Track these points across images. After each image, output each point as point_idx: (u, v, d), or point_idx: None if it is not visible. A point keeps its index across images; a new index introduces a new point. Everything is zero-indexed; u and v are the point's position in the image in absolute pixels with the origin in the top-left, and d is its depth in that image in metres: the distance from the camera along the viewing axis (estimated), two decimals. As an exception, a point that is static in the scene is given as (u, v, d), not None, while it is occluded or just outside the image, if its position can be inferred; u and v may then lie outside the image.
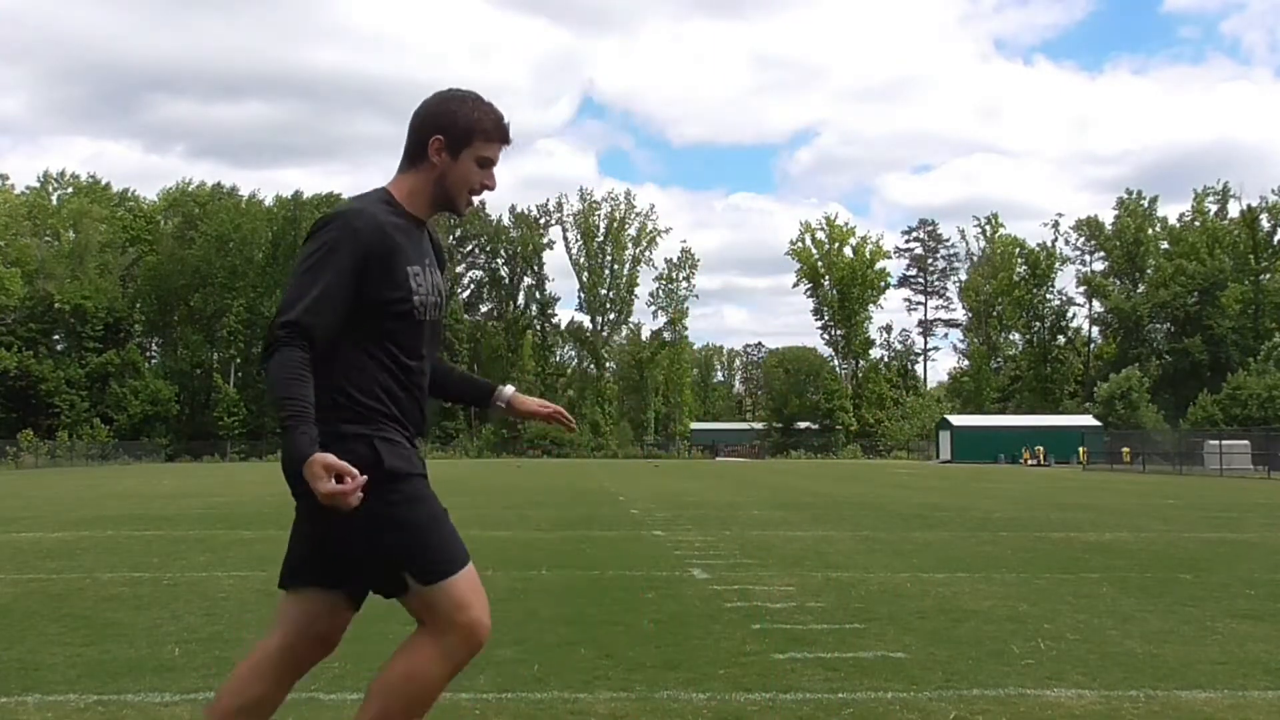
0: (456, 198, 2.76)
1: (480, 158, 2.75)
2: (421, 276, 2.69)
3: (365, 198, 2.72)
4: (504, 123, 2.78)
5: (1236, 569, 9.24)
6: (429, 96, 2.79)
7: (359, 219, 2.61)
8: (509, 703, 4.47)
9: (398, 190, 2.75)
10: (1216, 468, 40.46)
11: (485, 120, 2.74)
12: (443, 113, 2.74)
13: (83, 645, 5.70)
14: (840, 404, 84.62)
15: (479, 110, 2.75)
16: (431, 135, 2.72)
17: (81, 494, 24.34)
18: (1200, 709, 4.36)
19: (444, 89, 2.81)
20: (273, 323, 2.53)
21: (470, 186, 2.77)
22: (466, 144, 2.72)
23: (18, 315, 71.24)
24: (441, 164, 2.73)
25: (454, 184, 2.75)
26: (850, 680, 4.83)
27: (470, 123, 2.72)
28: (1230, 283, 77.11)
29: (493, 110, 2.77)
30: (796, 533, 12.82)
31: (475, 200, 2.86)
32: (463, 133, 2.72)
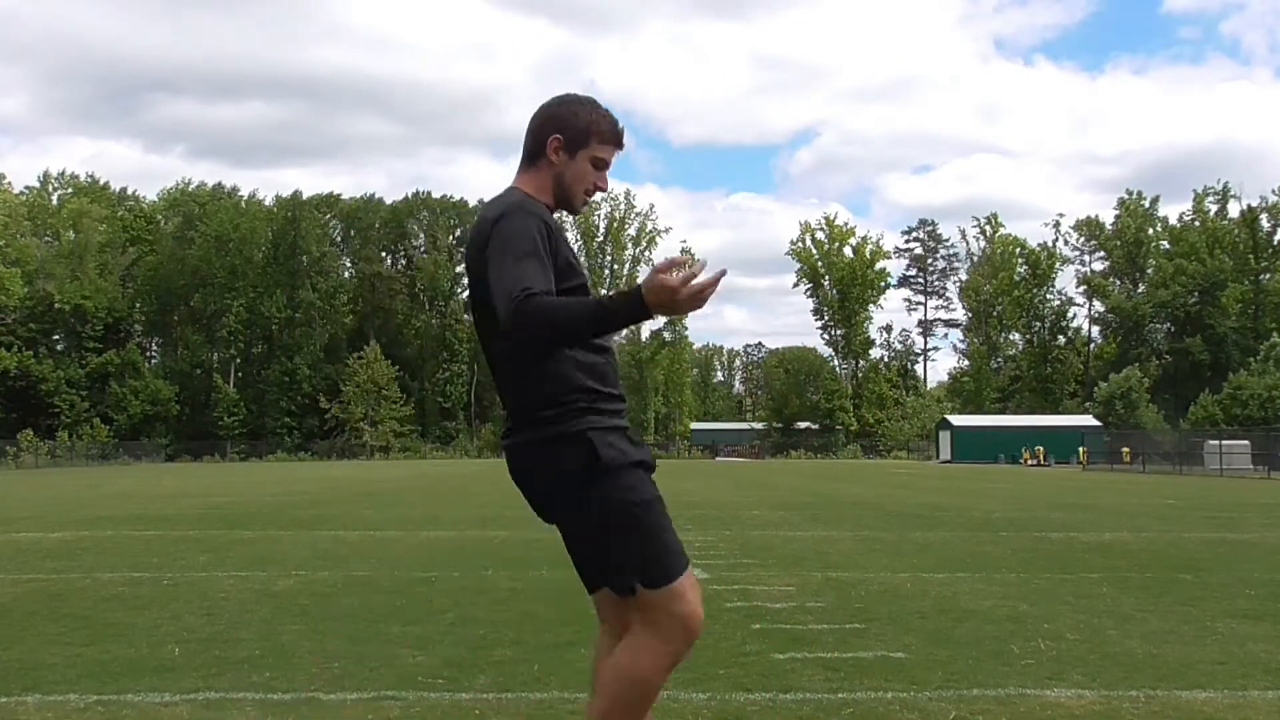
0: (573, 197, 2.86)
1: (595, 158, 2.85)
2: (577, 259, 2.82)
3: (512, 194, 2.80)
4: (619, 127, 2.89)
5: (1236, 569, 9.24)
6: (549, 99, 2.91)
7: (530, 205, 2.73)
8: (509, 703, 4.47)
9: (526, 187, 2.85)
10: (1216, 468, 40.47)
11: (602, 123, 2.85)
12: (563, 114, 2.85)
13: (83, 645, 5.70)
14: (840, 404, 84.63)
15: (596, 113, 2.86)
16: (551, 135, 2.83)
17: (81, 494, 24.35)
18: (1200, 709, 4.36)
19: (562, 93, 2.92)
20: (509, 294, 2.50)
21: (585, 186, 2.86)
22: (584, 145, 2.83)
23: (18, 315, 71.24)
24: (559, 163, 2.84)
25: (571, 183, 2.85)
26: (850, 680, 4.83)
27: (588, 124, 2.83)
28: (1230, 283, 77.11)
29: (609, 115, 2.88)
30: (796, 533, 12.82)
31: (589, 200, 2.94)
32: (581, 133, 2.83)
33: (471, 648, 5.60)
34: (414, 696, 4.54)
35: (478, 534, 12.66)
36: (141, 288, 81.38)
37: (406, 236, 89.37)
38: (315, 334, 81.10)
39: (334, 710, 4.35)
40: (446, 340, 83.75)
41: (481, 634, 6.01)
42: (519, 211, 2.69)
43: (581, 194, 2.86)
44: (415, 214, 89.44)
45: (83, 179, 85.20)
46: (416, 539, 12.10)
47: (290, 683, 4.80)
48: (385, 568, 9.22)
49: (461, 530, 13.21)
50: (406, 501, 19.92)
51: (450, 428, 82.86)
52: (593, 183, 2.87)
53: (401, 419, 79.13)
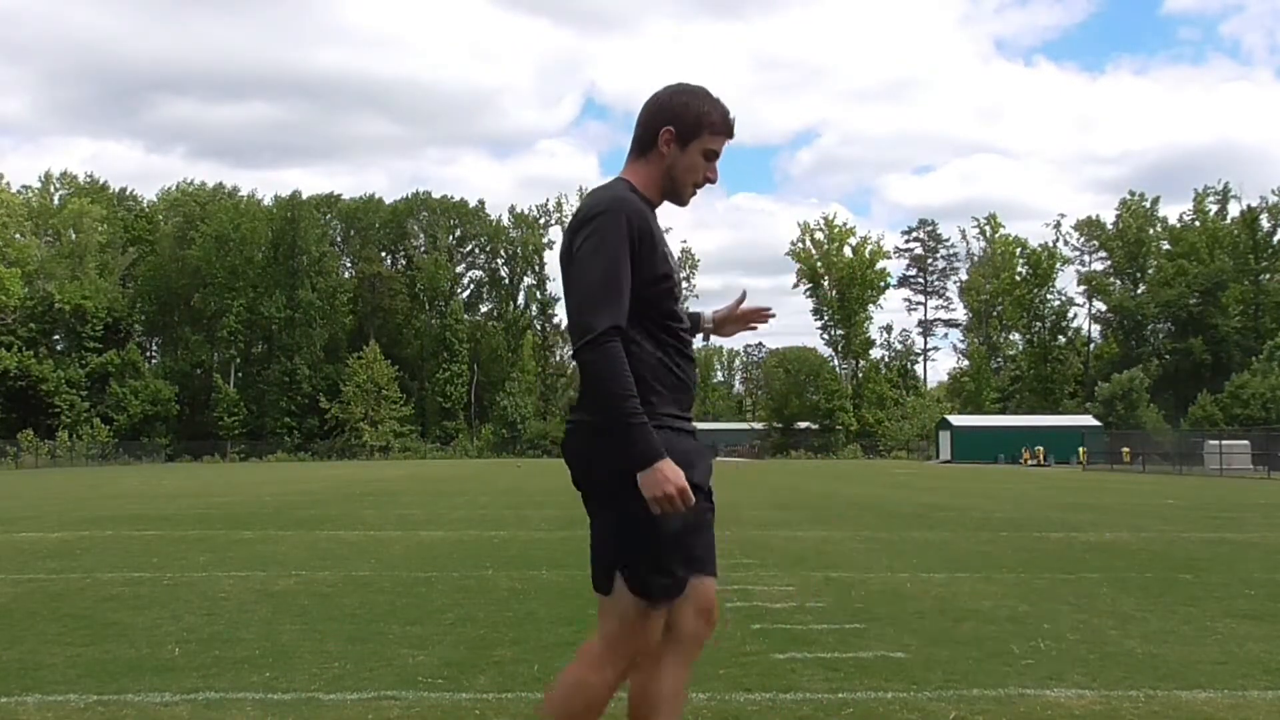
0: (682, 189, 2.84)
1: (707, 150, 2.80)
2: (672, 258, 2.80)
3: (617, 186, 2.79)
4: (730, 117, 2.83)
5: (1236, 569, 9.24)
6: (660, 89, 2.85)
7: (626, 205, 2.70)
8: (509, 703, 4.47)
9: (634, 179, 2.82)
10: (1216, 468, 40.46)
11: (714, 113, 2.80)
12: (675, 105, 2.79)
13: (83, 645, 5.70)
14: (840, 404, 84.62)
15: (708, 104, 2.80)
16: (662, 126, 2.78)
17: (81, 494, 24.34)
18: (1200, 709, 4.36)
19: (673, 83, 2.86)
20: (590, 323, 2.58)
21: (696, 178, 2.83)
22: (695, 136, 2.78)
23: (18, 315, 71.23)
24: (670, 155, 2.80)
25: (681, 174, 2.81)
26: (850, 680, 4.83)
27: (700, 115, 2.78)
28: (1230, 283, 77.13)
29: (720, 104, 2.82)
30: (796, 533, 12.82)
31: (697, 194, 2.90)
32: (692, 125, 2.78)
33: (471, 648, 5.60)
34: (414, 696, 4.54)
35: (478, 534, 12.66)
36: (141, 288, 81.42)
37: (406, 236, 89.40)
38: (315, 334, 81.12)
39: (334, 710, 4.35)
40: (446, 340, 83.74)
41: (481, 634, 6.01)
42: (616, 212, 2.66)
43: (691, 186, 2.84)
44: (415, 214, 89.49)
45: (82, 179, 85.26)
46: (416, 539, 12.09)
47: (290, 683, 4.80)
48: (385, 568, 9.22)
49: (461, 530, 13.20)
50: (406, 501, 19.92)
51: (450, 428, 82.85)
52: (704, 175, 2.83)
53: (401, 419, 79.16)
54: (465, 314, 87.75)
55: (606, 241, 2.63)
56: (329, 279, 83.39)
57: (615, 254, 2.62)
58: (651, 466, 2.53)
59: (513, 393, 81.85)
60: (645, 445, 2.54)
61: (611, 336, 2.57)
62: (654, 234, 2.71)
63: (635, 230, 2.66)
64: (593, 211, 2.68)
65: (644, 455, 2.54)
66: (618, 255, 2.62)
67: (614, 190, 2.75)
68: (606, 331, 2.57)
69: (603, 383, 2.57)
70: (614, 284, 2.61)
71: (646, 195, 2.80)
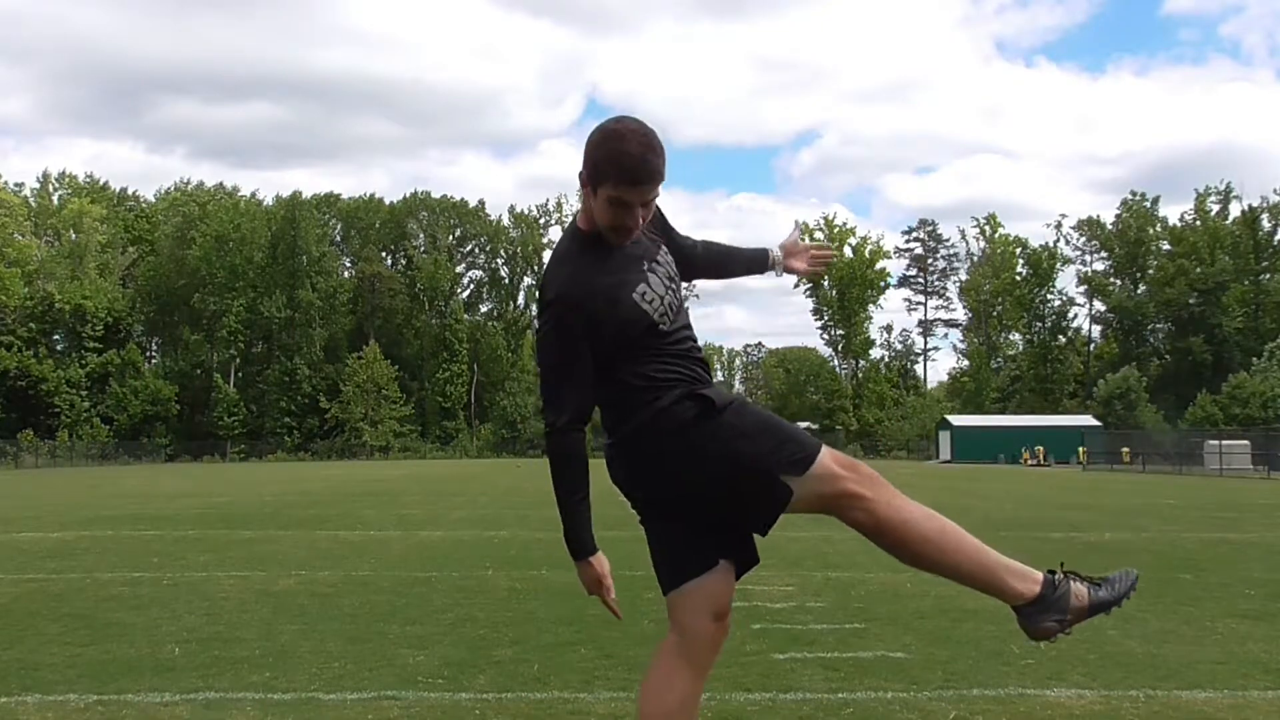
0: (605, 232, 2.66)
1: (610, 197, 2.58)
2: (648, 290, 2.66)
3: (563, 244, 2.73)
4: (638, 165, 2.55)
5: (1236, 569, 9.24)
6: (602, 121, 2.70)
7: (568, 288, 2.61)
8: (509, 703, 4.47)
9: (584, 222, 2.72)
10: (1216, 468, 40.46)
11: (618, 160, 2.55)
12: (589, 146, 2.63)
13: (83, 645, 5.70)
14: (840, 404, 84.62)
15: (611, 147, 2.57)
16: (582, 167, 2.66)
17: (81, 494, 24.35)
18: (1200, 709, 4.36)
19: (612, 117, 2.68)
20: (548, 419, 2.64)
21: (613, 224, 2.63)
22: (600, 183, 2.59)
23: (18, 315, 71.23)
24: (589, 198, 2.66)
25: (599, 219, 2.65)
26: (850, 680, 4.83)
27: (599, 160, 2.58)
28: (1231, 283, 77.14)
29: (629, 152, 2.55)
30: (796, 533, 12.81)
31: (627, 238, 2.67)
32: (593, 171, 2.61)
33: (471, 648, 5.61)
34: (414, 696, 4.54)
35: (478, 534, 12.66)
36: (141, 288, 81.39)
37: (406, 236, 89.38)
38: (315, 334, 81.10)
39: (334, 710, 4.35)
40: (446, 340, 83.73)
41: (481, 634, 6.01)
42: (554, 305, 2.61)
43: (610, 232, 2.64)
44: (415, 214, 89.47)
45: (81, 180, 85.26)
46: (416, 539, 12.09)
47: (290, 683, 4.80)
48: (385, 568, 9.22)
49: (461, 530, 13.20)
50: (406, 501, 19.92)
51: (450, 428, 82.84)
52: (618, 222, 2.61)
53: (401, 419, 79.16)
54: (465, 314, 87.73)
55: (547, 340, 2.62)
56: (329, 279, 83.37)
57: (555, 356, 2.62)
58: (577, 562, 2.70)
59: (513, 393, 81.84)
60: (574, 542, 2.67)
61: (560, 434, 2.62)
62: (609, 295, 2.60)
63: (576, 316, 2.58)
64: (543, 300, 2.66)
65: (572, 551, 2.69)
66: (558, 357, 2.61)
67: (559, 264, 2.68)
68: (557, 430, 2.62)
69: (553, 474, 2.66)
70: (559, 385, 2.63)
71: (595, 233, 2.68)
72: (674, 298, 2.75)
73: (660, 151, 2.60)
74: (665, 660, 2.72)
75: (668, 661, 2.71)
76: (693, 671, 2.70)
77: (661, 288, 2.69)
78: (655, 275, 2.71)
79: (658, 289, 2.68)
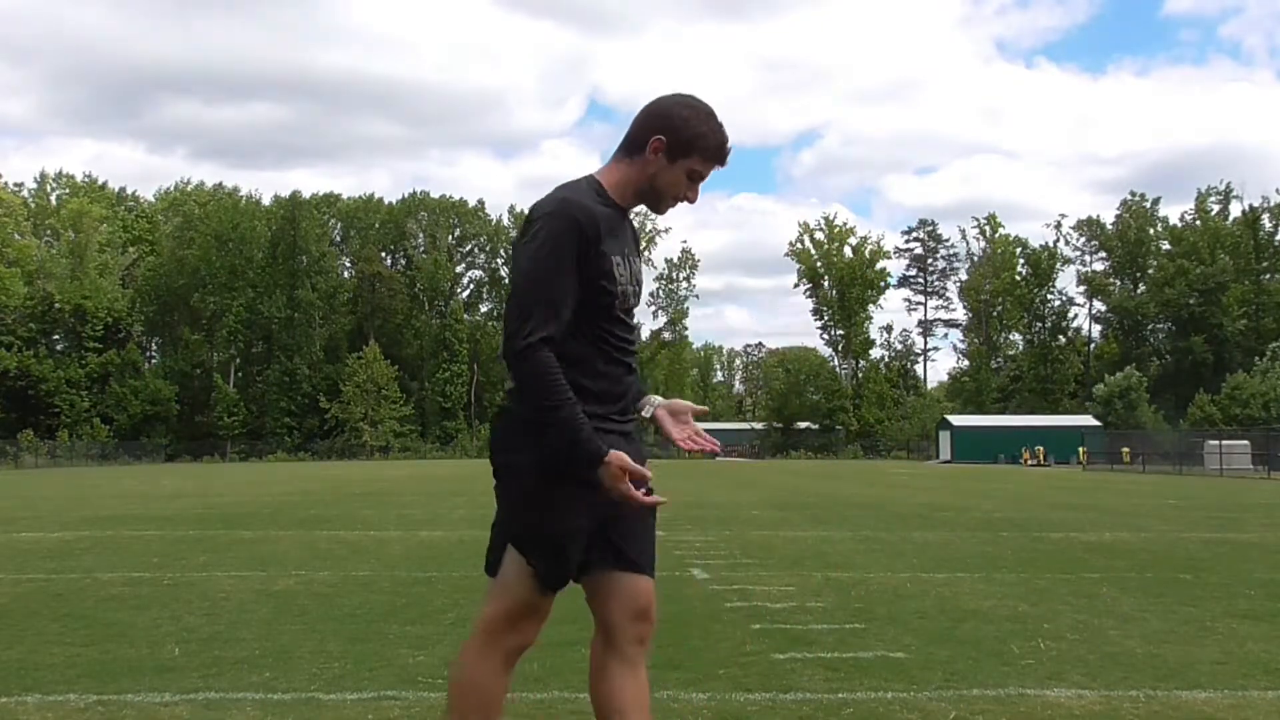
0: (661, 201, 2.78)
1: (693, 170, 2.74)
2: (623, 266, 2.71)
3: (576, 187, 2.72)
4: (727, 145, 2.77)
5: (1236, 569, 9.24)
6: (664, 95, 2.79)
7: (576, 208, 2.62)
8: (509, 703, 4.44)
9: (607, 178, 2.75)
10: (1216, 468, 40.45)
11: (711, 138, 2.73)
12: (674, 116, 2.72)
13: (83, 645, 5.70)
14: (840, 404, 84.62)
15: (708, 126, 2.73)
16: (655, 134, 2.71)
17: (81, 494, 24.34)
18: (1200, 709, 4.36)
19: (682, 93, 2.79)
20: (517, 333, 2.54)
21: (676, 194, 2.77)
22: (685, 154, 2.72)
23: (18, 315, 71.22)
24: (656, 164, 2.72)
25: (663, 187, 2.75)
26: (850, 680, 4.83)
27: (695, 135, 2.71)
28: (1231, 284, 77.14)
29: (721, 131, 2.75)
30: (796, 533, 12.82)
31: (670, 208, 2.83)
32: (686, 142, 2.71)
33: (471, 648, 5.60)
34: (414, 696, 4.54)
35: (478, 534, 12.64)
36: (141, 288, 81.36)
37: (406, 236, 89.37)
38: (315, 334, 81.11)
39: (334, 710, 4.35)
40: (446, 340, 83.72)
41: (481, 634, 6.00)
42: (562, 215, 2.60)
43: (671, 199, 2.78)
44: (414, 214, 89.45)
45: (80, 179, 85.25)
46: (416, 539, 12.10)
47: (290, 683, 4.80)
48: (385, 568, 9.22)
49: (461, 530, 13.20)
50: (406, 501, 19.91)
51: (450, 428, 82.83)
52: (685, 194, 2.78)
53: (401, 419, 79.15)
54: (465, 314, 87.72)
55: (547, 247, 2.57)
56: (329, 279, 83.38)
57: (555, 261, 2.57)
58: (599, 467, 2.55)
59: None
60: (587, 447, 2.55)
61: (540, 348, 2.54)
62: (604, 241, 2.63)
63: (582, 234, 2.59)
64: (540, 211, 2.63)
65: (589, 457, 2.55)
66: (557, 262, 2.57)
67: (569, 191, 2.68)
68: (536, 343, 2.53)
69: (535, 394, 2.55)
70: (549, 293, 2.56)
71: (616, 197, 2.73)
72: (634, 302, 2.79)
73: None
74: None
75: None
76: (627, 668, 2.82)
77: (631, 279, 2.75)
78: (633, 266, 2.78)
79: (628, 275, 2.74)
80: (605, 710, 2.79)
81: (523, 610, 2.76)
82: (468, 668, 2.77)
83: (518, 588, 2.73)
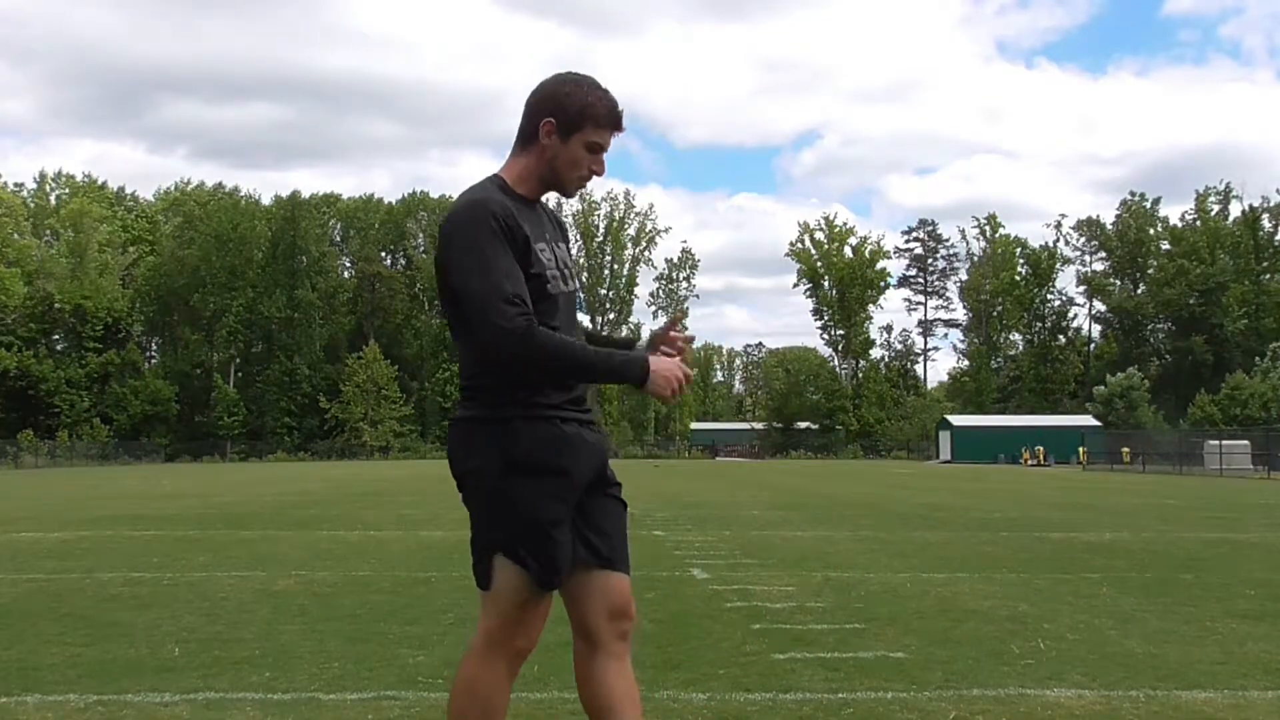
0: (566, 182, 2.75)
1: (590, 143, 2.71)
2: (548, 252, 2.71)
3: (481, 186, 2.72)
4: (617, 110, 2.74)
5: (1236, 569, 9.24)
6: (545, 79, 2.77)
7: (488, 202, 2.62)
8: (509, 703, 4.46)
9: (509, 173, 2.75)
10: (1216, 468, 40.46)
11: (599, 106, 2.71)
12: (557, 95, 2.71)
13: (83, 645, 5.70)
14: (840, 404, 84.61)
15: (594, 94, 2.71)
16: (544, 118, 2.70)
17: (81, 494, 24.34)
18: (1200, 709, 4.35)
19: (562, 73, 2.78)
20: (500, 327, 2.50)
21: (579, 171, 2.74)
22: (577, 128, 2.69)
23: (18, 315, 71.22)
24: (552, 146, 2.70)
25: (562, 167, 2.72)
26: (850, 680, 4.83)
27: (583, 106, 2.69)
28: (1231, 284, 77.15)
29: (607, 96, 2.73)
30: (796, 533, 12.82)
31: (585, 185, 2.82)
32: (574, 117, 2.69)
33: (471, 648, 5.60)
34: (414, 696, 4.54)
35: (478, 534, 12.65)
36: (141, 288, 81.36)
37: (406, 236, 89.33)
38: (315, 334, 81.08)
39: (334, 710, 4.34)
40: (446, 340, 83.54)
41: (481, 634, 6.00)
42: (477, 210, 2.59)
43: (575, 179, 2.74)
44: (414, 214, 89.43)
45: (80, 179, 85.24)
46: (416, 539, 12.09)
47: (290, 683, 4.80)
48: (385, 568, 9.22)
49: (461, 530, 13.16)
50: (406, 501, 19.91)
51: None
52: (588, 167, 2.73)
53: (401, 419, 79.12)
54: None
55: (474, 242, 2.56)
56: (329, 279, 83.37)
57: (489, 250, 2.55)
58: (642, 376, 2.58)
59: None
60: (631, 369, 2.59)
61: (523, 323, 2.50)
62: (522, 229, 2.62)
63: (500, 223, 2.58)
64: (453, 219, 2.61)
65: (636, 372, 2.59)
66: (491, 251, 2.55)
67: (474, 192, 2.67)
68: (517, 321, 2.49)
69: (551, 362, 2.54)
70: (499, 277, 2.53)
71: (523, 189, 2.72)
72: (568, 286, 2.77)
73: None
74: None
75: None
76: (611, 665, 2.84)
77: (559, 264, 2.74)
78: (556, 248, 2.77)
79: (555, 260, 2.73)
80: (597, 710, 2.78)
81: (521, 615, 2.73)
82: (471, 679, 2.74)
83: (512, 594, 2.69)
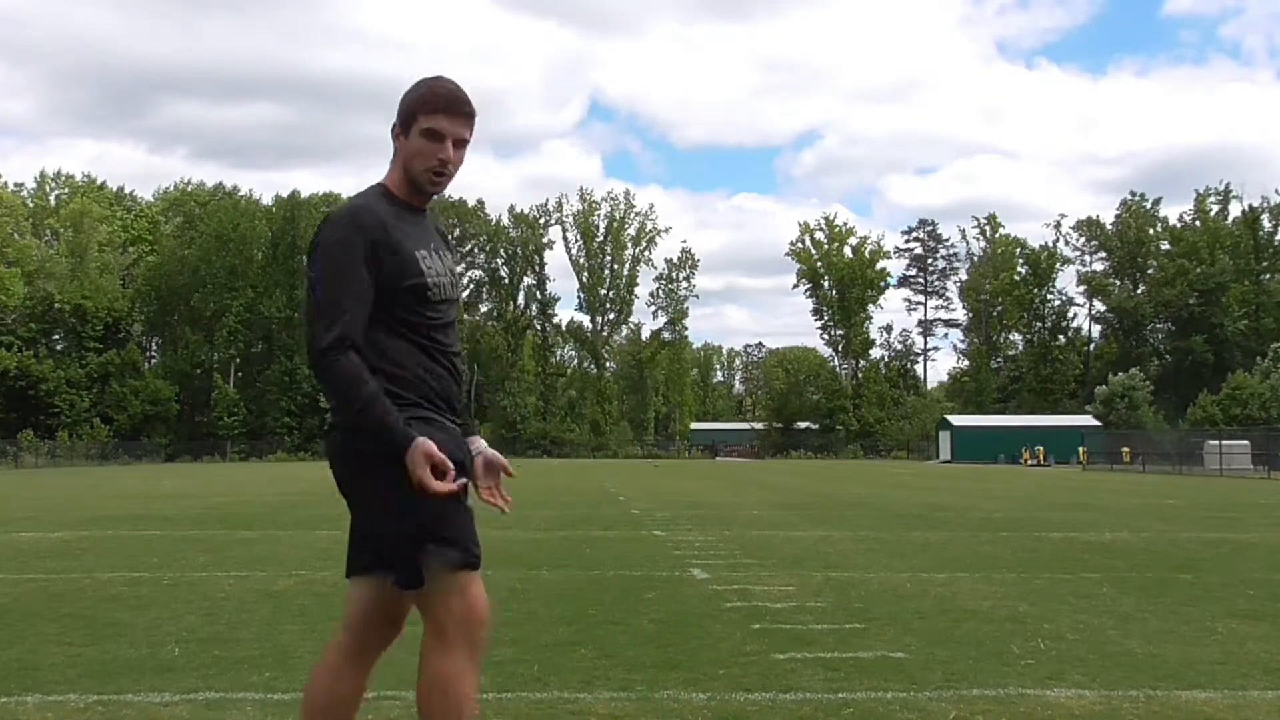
0: (417, 178, 2.76)
1: (426, 129, 2.71)
2: (430, 259, 2.74)
3: (364, 194, 2.78)
4: (451, 94, 2.73)
5: (1236, 569, 9.24)
6: None
7: (360, 212, 2.68)
8: (509, 703, 4.47)
9: (389, 181, 2.81)
10: (1216, 468, 40.46)
11: (430, 94, 2.73)
12: (402, 99, 2.77)
13: (83, 645, 5.70)
14: (840, 404, 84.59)
15: (426, 86, 2.75)
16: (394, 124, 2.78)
17: (81, 494, 24.34)
18: (1200, 709, 4.36)
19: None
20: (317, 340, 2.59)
21: (426, 163, 2.74)
22: (413, 120, 2.73)
23: (18, 315, 71.20)
24: (401, 146, 2.76)
25: (409, 162, 2.75)
26: (850, 680, 4.83)
27: (413, 99, 2.74)
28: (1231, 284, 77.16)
29: (442, 84, 2.75)
30: (796, 533, 12.82)
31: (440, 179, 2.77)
32: (408, 110, 2.74)
33: (471, 648, 5.60)
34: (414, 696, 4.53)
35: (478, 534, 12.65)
36: (141, 288, 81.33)
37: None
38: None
39: (334, 710, 4.34)
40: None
41: (481, 634, 6.00)
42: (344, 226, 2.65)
43: (426, 173, 2.74)
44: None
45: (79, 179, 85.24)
46: (416, 539, 12.07)
47: (290, 683, 4.80)
48: (385, 568, 9.20)
49: (461, 530, 13.19)
50: (406, 501, 19.88)
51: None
52: (434, 156, 2.72)
53: (401, 419, 79.04)
54: (465, 314, 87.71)
55: (333, 253, 2.62)
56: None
57: (343, 268, 2.60)
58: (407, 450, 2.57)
59: (513, 393, 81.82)
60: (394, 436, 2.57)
61: (336, 350, 2.57)
62: (394, 238, 2.66)
63: (368, 240, 2.62)
64: (324, 233, 2.68)
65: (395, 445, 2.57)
66: (346, 268, 2.60)
67: (356, 199, 2.75)
68: (331, 346, 2.56)
69: (340, 396, 2.60)
70: (341, 298, 2.59)
71: (402, 195, 2.77)
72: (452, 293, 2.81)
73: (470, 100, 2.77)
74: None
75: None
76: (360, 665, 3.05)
77: (442, 269, 2.78)
78: (441, 257, 2.81)
79: (439, 265, 2.78)
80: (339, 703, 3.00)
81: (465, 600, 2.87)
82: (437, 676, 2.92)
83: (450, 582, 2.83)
